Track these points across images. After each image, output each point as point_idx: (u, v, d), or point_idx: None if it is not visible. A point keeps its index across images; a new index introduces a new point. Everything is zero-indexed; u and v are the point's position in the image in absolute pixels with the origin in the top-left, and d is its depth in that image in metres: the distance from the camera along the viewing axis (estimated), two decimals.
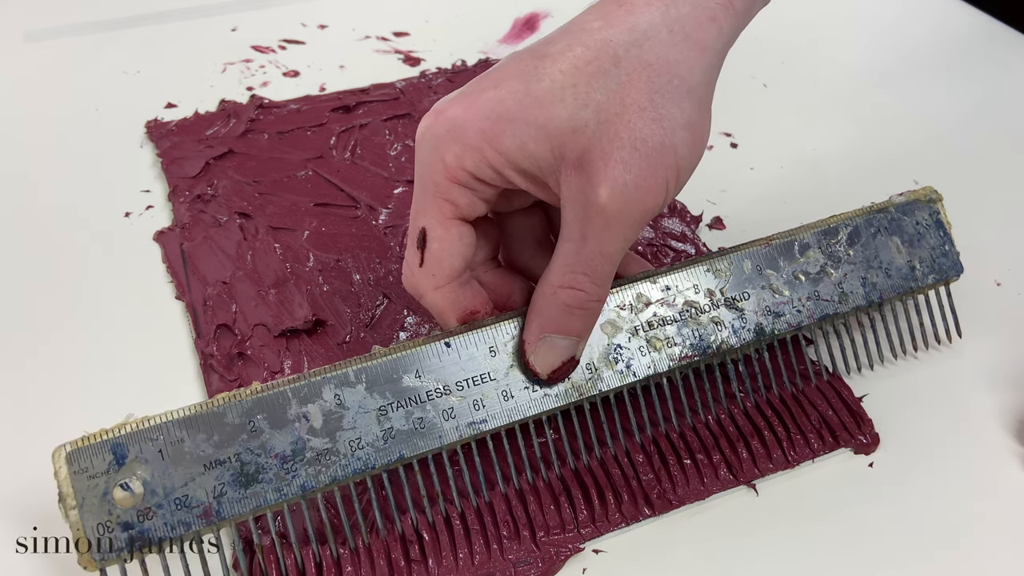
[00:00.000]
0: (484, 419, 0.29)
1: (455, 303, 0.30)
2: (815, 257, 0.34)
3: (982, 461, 0.33)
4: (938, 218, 0.36)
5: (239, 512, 0.27)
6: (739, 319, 0.32)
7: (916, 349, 0.37)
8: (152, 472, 0.26)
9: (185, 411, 0.27)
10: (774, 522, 0.31)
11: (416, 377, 0.29)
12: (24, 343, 0.37)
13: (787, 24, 0.60)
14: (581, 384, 0.30)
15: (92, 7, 0.60)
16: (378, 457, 0.28)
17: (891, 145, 0.49)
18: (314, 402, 0.28)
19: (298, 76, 0.54)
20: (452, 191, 0.29)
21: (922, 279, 0.35)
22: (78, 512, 0.26)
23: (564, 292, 0.29)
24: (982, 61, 0.57)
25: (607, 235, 0.28)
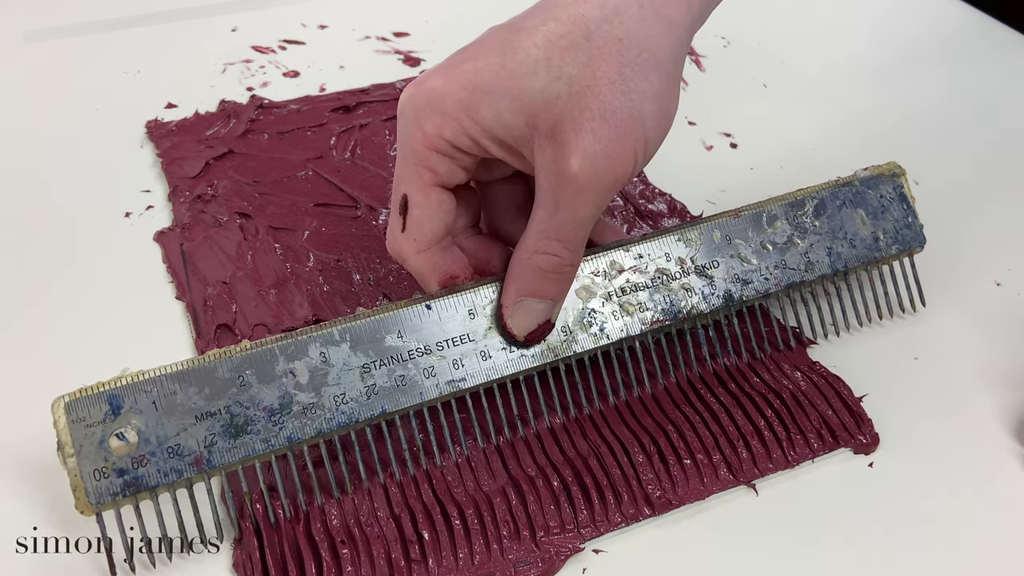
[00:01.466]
0: (463, 377, 0.31)
1: (436, 267, 0.32)
2: (782, 228, 0.35)
3: (982, 461, 0.33)
4: (901, 191, 0.37)
5: (229, 461, 0.28)
6: (708, 286, 0.34)
7: (881, 317, 0.38)
8: (146, 422, 0.28)
9: (178, 366, 0.28)
10: (774, 522, 0.31)
11: (398, 337, 0.30)
12: (24, 344, 0.37)
13: (787, 24, 0.60)
14: (556, 346, 0.32)
15: (92, 7, 0.60)
16: (361, 411, 0.30)
17: (891, 145, 0.49)
18: (300, 359, 0.29)
19: (298, 76, 0.54)
20: (432, 159, 0.30)
21: (886, 249, 0.36)
22: (76, 459, 0.27)
23: (539, 257, 0.30)
24: (983, 62, 0.57)
25: (579, 202, 0.29)
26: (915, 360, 0.37)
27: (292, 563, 0.29)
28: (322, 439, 0.29)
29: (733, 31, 0.59)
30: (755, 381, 0.34)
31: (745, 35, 0.59)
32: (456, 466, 0.32)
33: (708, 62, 0.56)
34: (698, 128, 0.50)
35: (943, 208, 0.45)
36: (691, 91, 0.53)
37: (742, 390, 0.34)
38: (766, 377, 0.35)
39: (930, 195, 0.46)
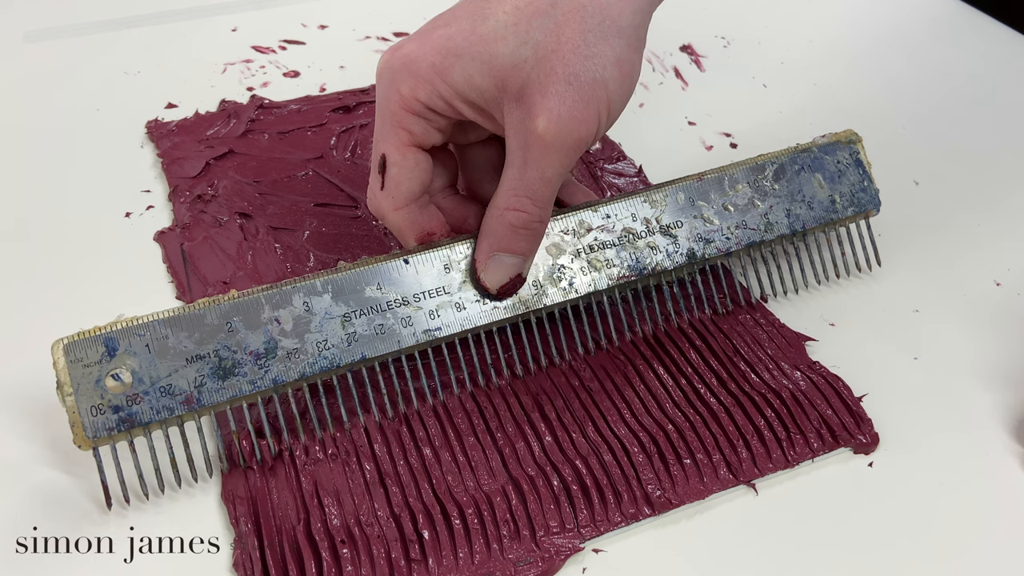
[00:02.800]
0: (439, 327, 0.32)
1: (413, 224, 0.33)
2: (743, 191, 0.37)
3: (982, 461, 0.33)
4: (858, 157, 0.39)
5: (217, 400, 0.30)
6: (672, 244, 0.35)
7: (839, 276, 0.40)
8: (140, 363, 0.29)
9: (169, 312, 0.30)
10: (774, 522, 0.31)
11: (377, 289, 0.32)
12: (24, 346, 0.37)
13: (787, 24, 0.60)
14: (528, 299, 0.34)
15: (92, 7, 0.60)
16: (342, 357, 0.31)
17: (891, 145, 0.49)
18: (285, 308, 0.31)
19: (298, 76, 0.54)
20: (407, 120, 0.32)
21: (842, 211, 0.38)
22: (74, 397, 0.29)
23: (510, 214, 0.32)
24: (984, 63, 0.57)
25: (546, 161, 0.31)
26: (915, 360, 0.37)
27: (292, 562, 0.29)
28: (305, 382, 0.31)
29: (733, 31, 0.59)
30: (755, 381, 0.35)
31: (745, 35, 0.59)
32: (456, 465, 0.32)
33: (708, 62, 0.56)
34: (698, 128, 0.50)
35: (943, 208, 0.45)
36: (691, 91, 0.53)
37: (742, 390, 0.34)
38: (766, 377, 0.35)
39: (930, 195, 0.46)
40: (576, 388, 0.34)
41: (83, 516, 0.30)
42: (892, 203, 0.45)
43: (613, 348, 0.35)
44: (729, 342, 0.36)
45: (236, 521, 0.30)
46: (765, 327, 0.37)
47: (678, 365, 0.35)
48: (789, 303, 0.39)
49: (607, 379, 0.35)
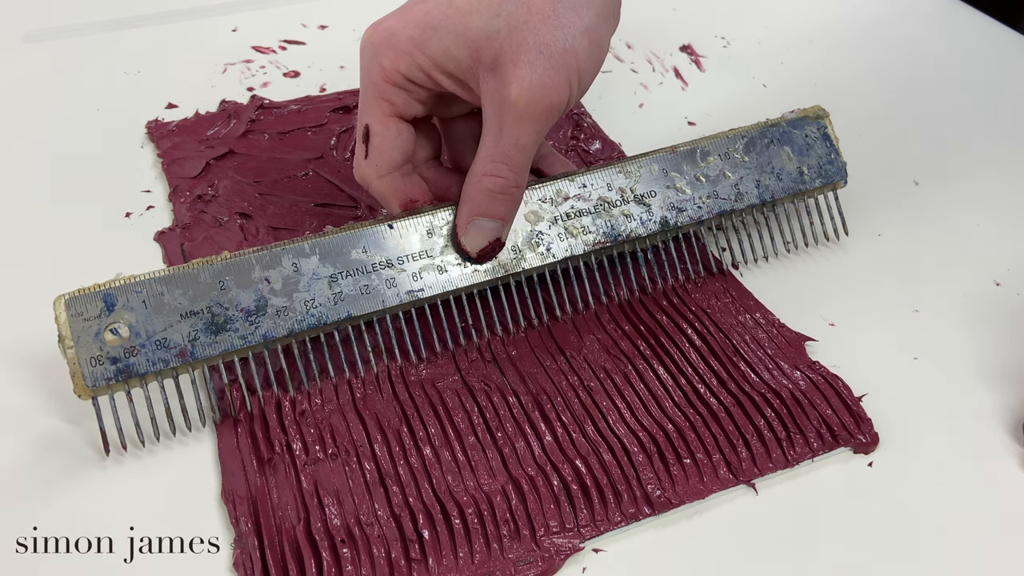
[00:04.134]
0: (422, 288, 0.34)
1: (397, 191, 0.35)
2: (715, 162, 0.39)
3: (982, 461, 0.33)
4: (825, 132, 0.41)
5: (210, 354, 0.32)
6: (646, 213, 0.37)
7: (807, 245, 0.42)
8: (136, 318, 0.31)
9: (164, 271, 0.32)
10: (774, 521, 0.31)
11: (363, 252, 0.34)
12: (24, 347, 0.37)
13: (787, 24, 0.60)
14: (507, 263, 0.35)
15: (92, 7, 0.60)
16: (329, 314, 0.33)
17: (891, 145, 0.49)
18: (274, 268, 0.33)
19: (298, 76, 0.54)
20: (389, 92, 0.34)
21: (810, 182, 0.40)
22: (74, 350, 0.30)
23: (487, 179, 0.33)
24: (986, 65, 0.57)
25: (520, 128, 0.32)
26: (915, 360, 0.37)
27: (292, 562, 0.29)
28: (294, 339, 0.33)
29: (733, 31, 0.59)
30: (755, 381, 0.35)
31: (745, 35, 0.59)
32: (456, 464, 0.32)
33: (708, 62, 0.56)
34: (698, 128, 0.50)
35: (943, 208, 0.45)
36: (691, 91, 0.53)
37: (742, 390, 0.34)
38: (766, 377, 0.35)
39: (930, 195, 0.46)
40: (576, 387, 0.34)
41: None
42: (892, 203, 0.45)
43: (590, 313, 0.37)
44: (729, 342, 0.36)
45: (236, 521, 0.30)
46: (765, 327, 0.37)
47: (678, 365, 0.35)
48: (789, 302, 0.38)
49: (607, 379, 0.35)
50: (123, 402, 0.32)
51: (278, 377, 0.34)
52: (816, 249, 0.42)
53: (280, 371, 0.34)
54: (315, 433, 0.33)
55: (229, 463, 0.32)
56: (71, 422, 0.33)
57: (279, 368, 0.34)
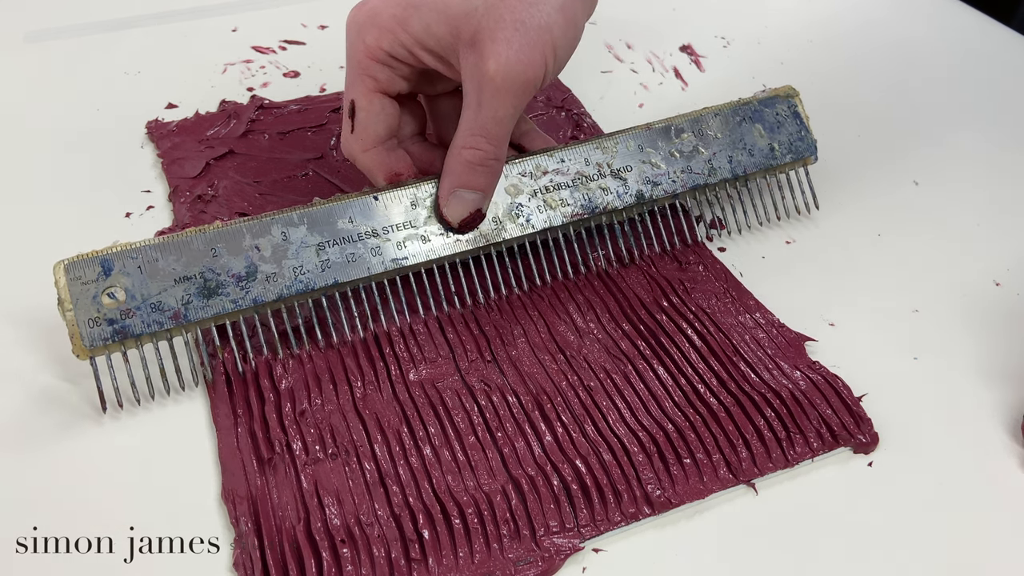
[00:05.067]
0: (406, 257, 0.35)
1: (382, 165, 0.36)
2: (688, 139, 0.40)
3: (982, 461, 0.33)
4: (795, 110, 0.42)
5: (202, 316, 0.33)
6: (622, 186, 0.39)
7: (779, 219, 0.43)
8: (132, 283, 0.33)
9: (158, 239, 0.33)
10: (774, 521, 0.31)
11: (349, 222, 0.35)
12: (25, 348, 0.37)
13: (787, 24, 0.60)
14: (488, 233, 0.37)
15: (92, 7, 0.60)
16: (316, 281, 0.34)
17: (891, 144, 0.49)
18: (264, 236, 0.34)
19: (298, 76, 0.54)
20: (373, 68, 0.35)
21: (781, 158, 0.41)
22: (73, 311, 0.32)
23: (467, 152, 0.34)
24: (987, 66, 0.57)
25: (497, 102, 0.33)
26: (915, 360, 0.37)
27: (292, 562, 0.29)
28: (283, 304, 0.34)
29: (733, 31, 0.59)
30: (755, 381, 0.35)
31: (745, 35, 0.59)
32: (456, 464, 0.32)
33: (708, 62, 0.56)
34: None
35: (943, 208, 0.45)
36: (691, 91, 0.53)
37: (742, 390, 0.34)
38: (766, 377, 0.35)
39: (930, 195, 0.46)
40: (576, 387, 0.34)
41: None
42: (892, 203, 0.45)
43: (569, 282, 0.38)
44: (729, 342, 0.36)
45: (236, 521, 0.30)
46: (765, 327, 0.37)
47: (678, 365, 0.35)
48: (789, 302, 0.39)
49: (607, 379, 0.35)
50: (119, 363, 0.34)
51: (268, 341, 0.35)
52: (816, 249, 0.42)
53: (270, 335, 0.35)
54: (315, 433, 0.33)
55: (229, 463, 0.32)
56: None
57: (269, 332, 0.35)
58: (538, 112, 0.50)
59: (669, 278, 0.39)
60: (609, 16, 0.60)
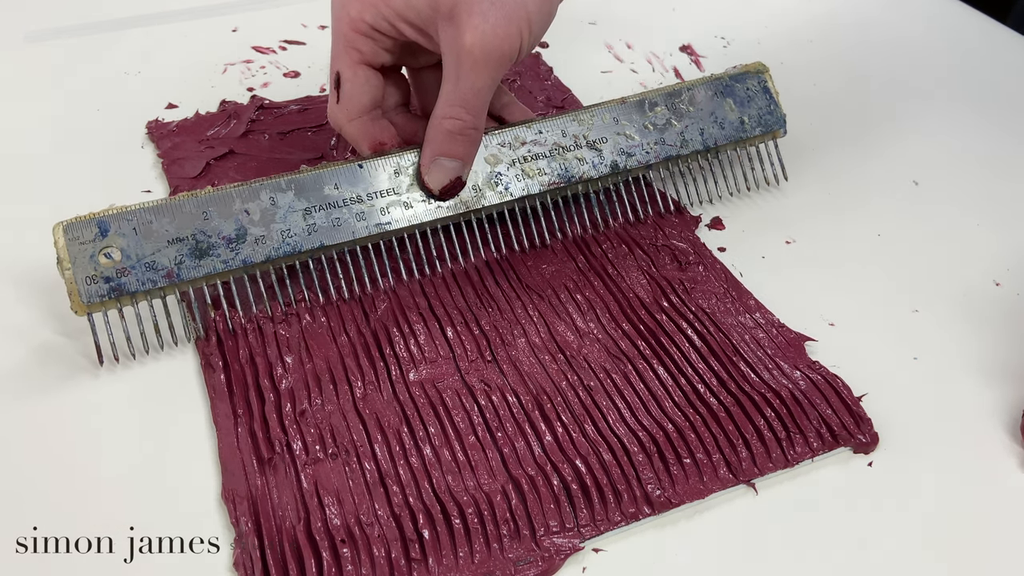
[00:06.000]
0: (389, 222, 0.37)
1: (366, 134, 0.38)
2: (662, 112, 0.42)
3: (981, 461, 0.33)
4: (765, 85, 0.44)
5: (194, 276, 0.35)
6: (598, 157, 0.40)
7: (749, 190, 0.45)
8: (128, 243, 0.34)
9: (152, 202, 0.35)
10: (774, 521, 0.31)
11: (335, 188, 0.37)
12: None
13: (787, 24, 0.60)
14: (468, 200, 0.38)
15: (92, 7, 0.60)
16: (303, 243, 0.36)
17: (891, 144, 0.49)
18: (253, 201, 0.36)
19: (299, 77, 0.54)
20: (357, 40, 0.36)
21: (750, 131, 0.43)
22: (71, 270, 0.33)
23: (447, 121, 0.36)
24: (987, 66, 0.57)
25: (475, 74, 0.35)
26: (915, 360, 0.37)
27: (292, 562, 0.29)
28: (271, 265, 0.36)
29: (733, 31, 0.59)
30: (755, 381, 0.35)
31: (745, 35, 0.59)
32: (456, 464, 0.32)
33: (708, 62, 0.56)
34: None
35: (943, 208, 0.45)
36: None
37: (742, 390, 0.34)
38: (766, 377, 0.35)
39: (930, 195, 0.46)
40: (576, 387, 0.34)
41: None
42: (892, 203, 0.45)
43: (546, 248, 0.40)
44: (729, 342, 0.36)
45: (236, 521, 0.30)
46: (765, 327, 0.37)
47: (678, 365, 0.35)
48: (789, 302, 0.39)
49: (607, 379, 0.35)
50: (116, 319, 0.36)
51: (257, 300, 0.37)
52: (816, 249, 0.42)
53: (259, 295, 0.37)
54: (315, 433, 0.33)
55: (229, 463, 0.32)
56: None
57: (258, 292, 0.37)
58: (538, 112, 0.50)
59: (669, 278, 0.39)
60: (609, 16, 0.60)
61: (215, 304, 0.36)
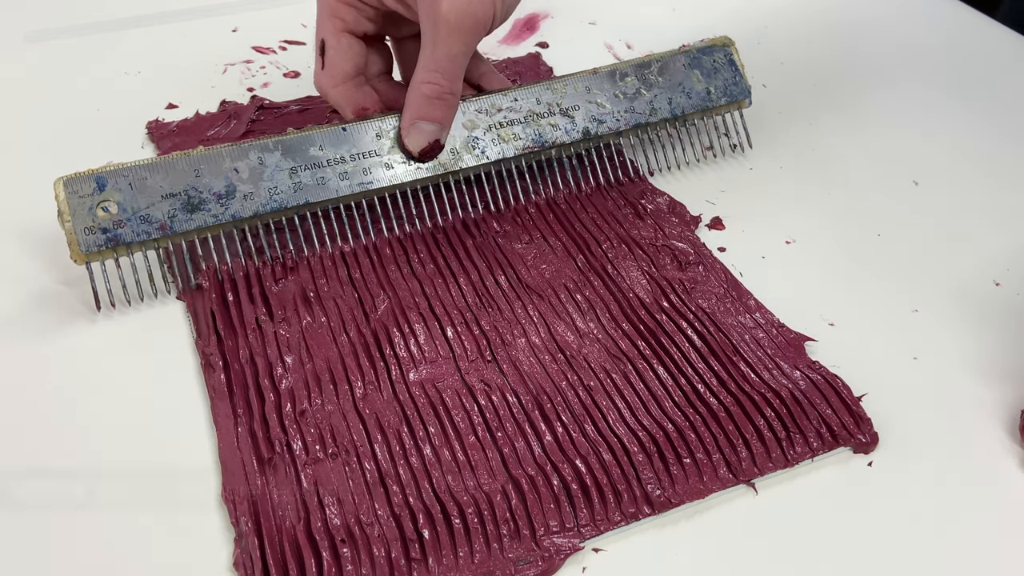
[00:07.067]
0: (371, 182, 0.39)
1: (350, 99, 0.40)
2: (632, 82, 0.44)
3: (981, 461, 0.33)
4: (731, 58, 0.46)
5: (186, 228, 0.37)
6: (570, 124, 0.42)
7: (715, 156, 0.47)
8: (124, 198, 0.36)
9: (147, 160, 0.37)
10: (774, 521, 0.31)
11: (320, 149, 0.39)
12: (26, 348, 0.37)
13: (787, 24, 0.60)
14: (446, 162, 0.40)
15: (92, 7, 0.60)
16: (289, 200, 0.38)
17: (891, 144, 0.49)
18: (242, 160, 0.38)
19: (299, 77, 0.54)
20: (340, 10, 0.39)
21: (716, 100, 0.45)
22: (71, 222, 0.36)
23: (425, 86, 0.38)
24: (989, 67, 0.57)
25: (451, 40, 0.37)
26: (914, 360, 0.37)
27: (292, 562, 0.29)
28: (259, 220, 0.38)
29: (733, 31, 0.59)
30: (755, 381, 0.35)
31: (745, 35, 0.59)
32: (456, 464, 0.32)
33: None
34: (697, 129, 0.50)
35: (943, 208, 0.45)
36: None
37: (742, 390, 0.34)
38: (766, 377, 0.35)
39: (930, 195, 0.46)
40: (576, 387, 0.34)
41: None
42: (892, 202, 0.45)
43: (520, 208, 0.41)
44: (729, 342, 0.36)
45: (236, 521, 0.30)
46: (765, 327, 0.37)
47: (678, 365, 0.35)
48: (789, 302, 0.39)
49: (607, 379, 0.35)
50: (112, 269, 0.38)
51: (245, 253, 0.39)
52: (816, 249, 0.42)
53: (248, 248, 0.39)
54: (315, 433, 0.33)
55: (229, 463, 0.32)
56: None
57: (247, 245, 0.39)
58: None
59: (669, 278, 0.39)
60: (609, 16, 0.60)
61: (204, 260, 0.38)
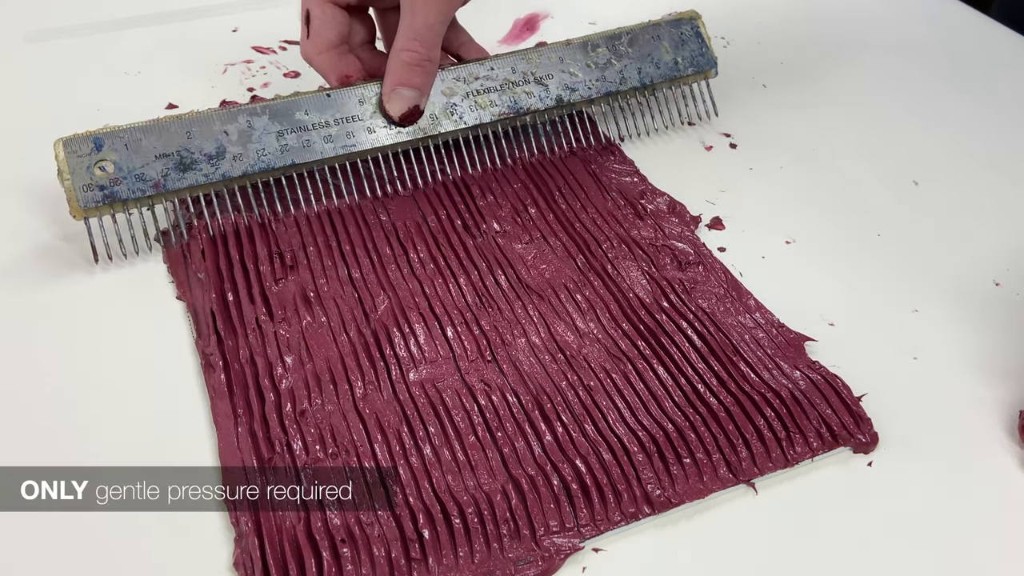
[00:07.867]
0: (354, 144, 0.41)
1: (333, 67, 0.42)
2: (603, 53, 0.46)
3: (981, 461, 0.33)
4: (698, 31, 0.49)
5: (179, 187, 0.39)
6: (544, 91, 0.45)
7: (683, 124, 0.50)
8: (120, 157, 0.38)
9: (142, 123, 0.39)
10: (774, 521, 0.31)
11: (305, 114, 0.41)
12: (25, 348, 0.37)
13: (787, 24, 0.60)
14: (426, 127, 0.42)
15: (92, 7, 0.60)
16: (276, 161, 0.40)
17: (890, 144, 0.49)
18: (232, 124, 0.40)
19: (299, 77, 0.54)
20: None
21: (683, 70, 0.48)
22: (70, 180, 0.38)
23: (404, 53, 0.40)
24: (989, 68, 0.57)
25: (427, 10, 0.39)
26: (914, 360, 0.37)
27: (292, 562, 0.29)
28: (247, 180, 0.40)
29: (733, 31, 0.59)
30: (755, 381, 0.35)
31: (745, 35, 0.59)
32: (456, 464, 0.32)
33: None
34: (698, 128, 0.50)
35: (943, 208, 0.45)
36: None
37: (742, 390, 0.34)
38: (766, 377, 0.35)
39: (930, 195, 0.46)
40: (576, 387, 0.34)
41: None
42: (891, 202, 0.45)
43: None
44: (729, 342, 0.36)
45: (236, 521, 0.30)
46: (765, 327, 0.37)
47: (678, 365, 0.35)
48: (789, 302, 0.38)
49: (607, 378, 0.35)
50: (109, 224, 0.39)
51: (235, 209, 0.41)
52: (816, 249, 0.42)
53: (237, 206, 0.41)
54: (315, 433, 0.33)
55: (229, 463, 0.32)
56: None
57: (236, 203, 0.41)
58: None
59: (669, 278, 0.39)
60: (609, 16, 0.60)
61: (196, 216, 0.40)
